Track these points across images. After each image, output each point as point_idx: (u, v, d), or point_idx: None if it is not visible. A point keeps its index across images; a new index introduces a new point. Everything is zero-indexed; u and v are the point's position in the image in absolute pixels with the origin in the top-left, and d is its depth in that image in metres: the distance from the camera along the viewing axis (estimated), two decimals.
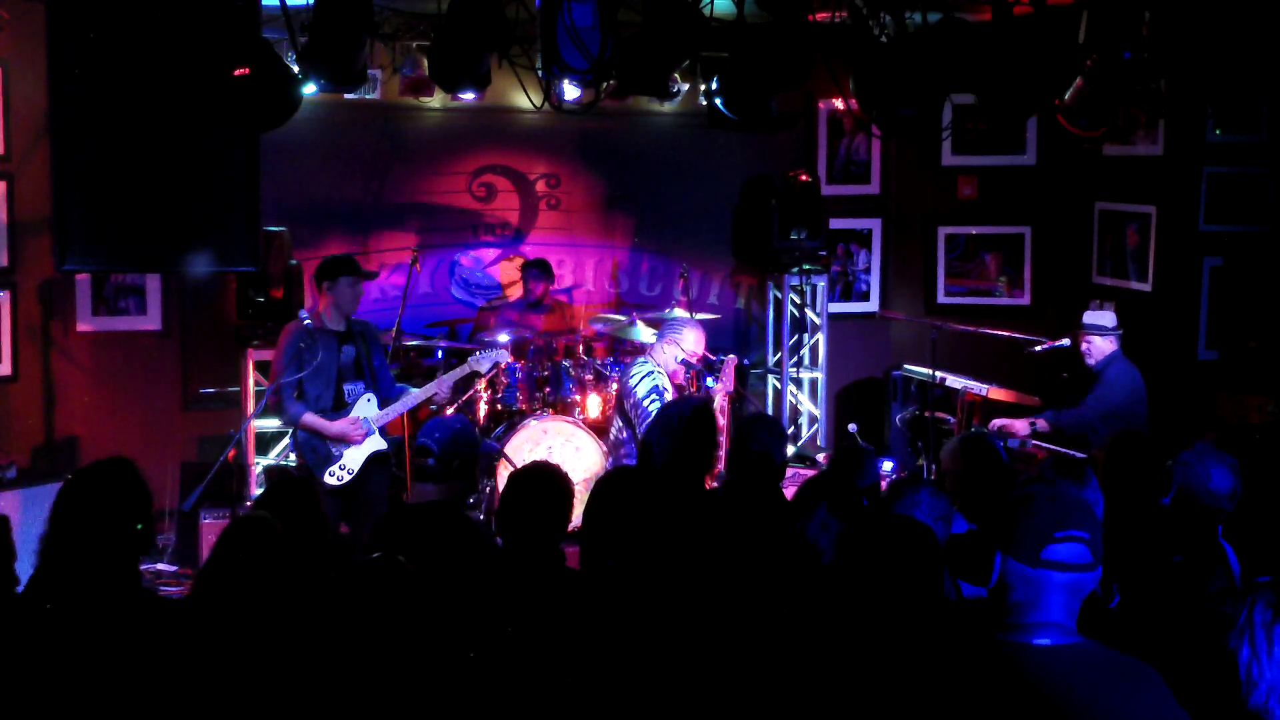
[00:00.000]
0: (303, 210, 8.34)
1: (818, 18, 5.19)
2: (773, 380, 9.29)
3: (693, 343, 6.61)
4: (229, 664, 3.23)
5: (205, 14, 5.40)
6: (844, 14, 5.39)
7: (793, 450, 8.59)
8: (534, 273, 8.50)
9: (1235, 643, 2.86)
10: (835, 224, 9.13)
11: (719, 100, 5.44)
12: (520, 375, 7.88)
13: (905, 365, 8.80)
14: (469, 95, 7.60)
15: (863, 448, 6.41)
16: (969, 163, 9.18)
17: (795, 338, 9.20)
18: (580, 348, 8.21)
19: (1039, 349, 7.62)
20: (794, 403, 9.26)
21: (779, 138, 8.67)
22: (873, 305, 9.52)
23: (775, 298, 9.19)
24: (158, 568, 7.47)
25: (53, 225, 5.85)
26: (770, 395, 9.31)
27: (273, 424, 7.89)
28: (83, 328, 8.06)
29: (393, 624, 2.89)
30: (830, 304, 9.18)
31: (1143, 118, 7.95)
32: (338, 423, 6.25)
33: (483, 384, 7.86)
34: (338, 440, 6.27)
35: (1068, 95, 5.47)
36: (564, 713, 3.22)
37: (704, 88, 5.85)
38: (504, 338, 7.88)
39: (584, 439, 7.65)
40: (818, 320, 9.15)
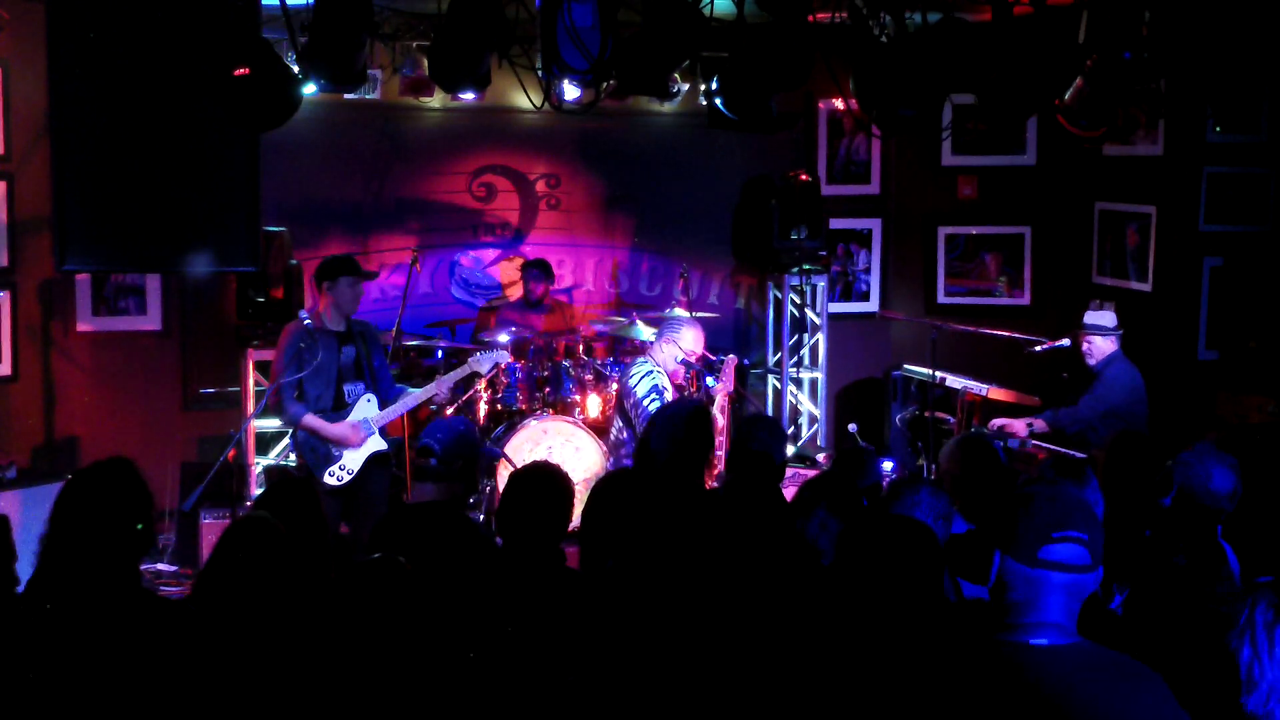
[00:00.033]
0: (303, 210, 8.34)
1: (818, 18, 5.19)
2: (773, 380, 9.29)
3: (691, 341, 6.61)
4: (229, 665, 3.23)
5: (205, 14, 5.40)
6: (844, 14, 5.38)
7: (793, 450, 8.59)
8: (534, 273, 8.50)
9: (1236, 643, 2.86)
10: (835, 224, 9.12)
11: (719, 100, 5.44)
12: (520, 375, 7.87)
13: (905, 365, 8.80)
14: (469, 95, 7.60)
15: (865, 449, 6.41)
16: (969, 163, 9.18)
17: (795, 338, 9.19)
18: (580, 348, 8.21)
19: (1039, 349, 7.62)
20: (794, 403, 9.25)
21: (779, 138, 8.66)
22: (873, 305, 9.52)
23: (775, 298, 9.19)
24: (158, 568, 7.47)
25: (53, 225, 5.86)
26: (770, 395, 9.31)
27: (273, 424, 7.89)
28: (83, 328, 8.06)
29: (393, 624, 2.89)
30: (830, 304, 9.17)
31: (1143, 118, 7.95)
32: (338, 426, 6.24)
33: (483, 384, 7.86)
34: (337, 442, 6.27)
35: (1068, 95, 5.47)
36: (564, 713, 3.22)
37: (704, 88, 5.84)
38: (504, 338, 7.89)
39: (584, 439, 7.65)
40: (818, 320, 9.15)
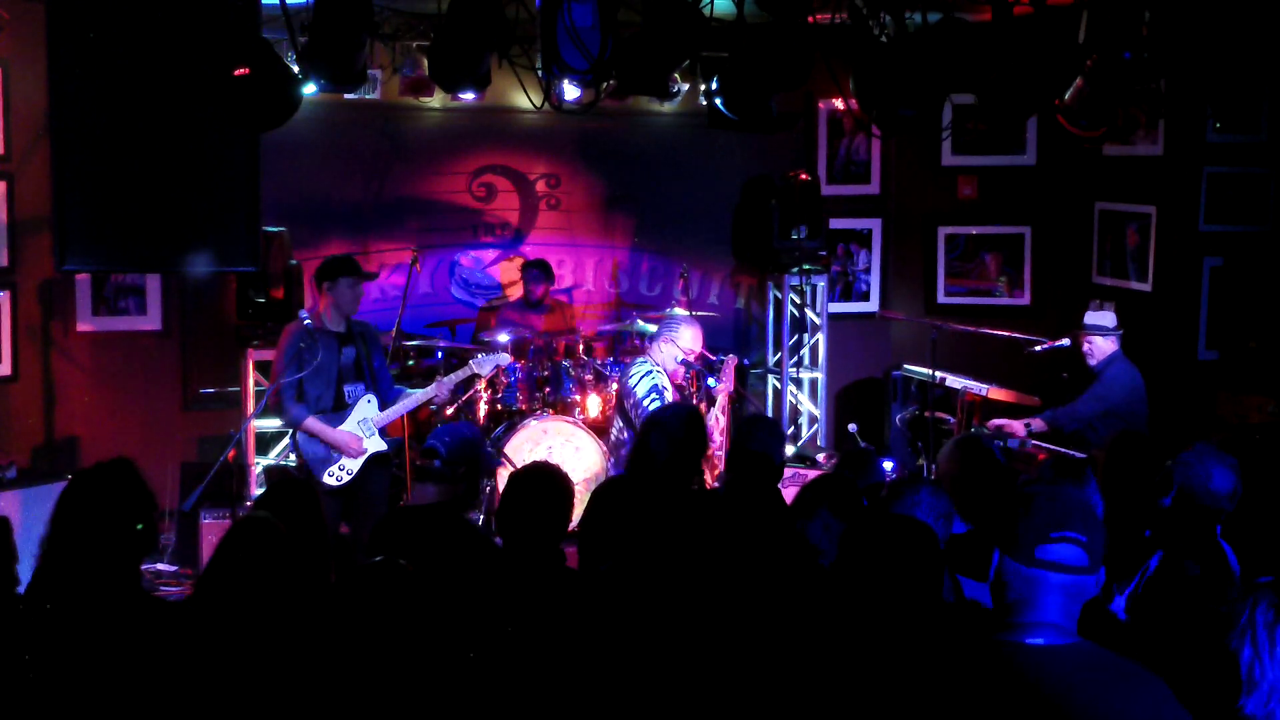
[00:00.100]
0: (303, 210, 8.33)
1: (818, 18, 5.19)
2: (773, 380, 9.29)
3: (689, 340, 6.60)
4: (230, 665, 3.23)
5: (205, 14, 5.40)
6: (844, 14, 5.38)
7: (793, 450, 8.59)
8: (534, 273, 8.50)
9: (1236, 643, 2.86)
10: (835, 224, 9.12)
11: (719, 100, 5.43)
12: (520, 375, 7.87)
13: (905, 365, 8.79)
14: (469, 95, 7.59)
15: (867, 450, 6.41)
16: (969, 163, 9.17)
17: (795, 338, 9.19)
18: (580, 348, 8.21)
19: (1039, 349, 7.62)
20: (794, 403, 9.25)
21: (779, 138, 8.66)
22: (873, 305, 9.52)
23: (775, 298, 9.19)
24: (158, 568, 7.46)
25: (53, 225, 5.85)
26: (770, 395, 9.31)
27: (273, 424, 7.89)
28: (83, 328, 8.06)
29: (393, 625, 2.89)
30: (830, 304, 9.17)
31: (1143, 118, 7.95)
32: (340, 432, 6.24)
33: (483, 384, 7.86)
34: (337, 448, 6.26)
35: (1068, 95, 5.47)
36: (564, 713, 3.22)
37: (704, 88, 5.84)
38: (504, 338, 7.88)
39: (584, 439, 7.65)
40: (818, 320, 9.15)
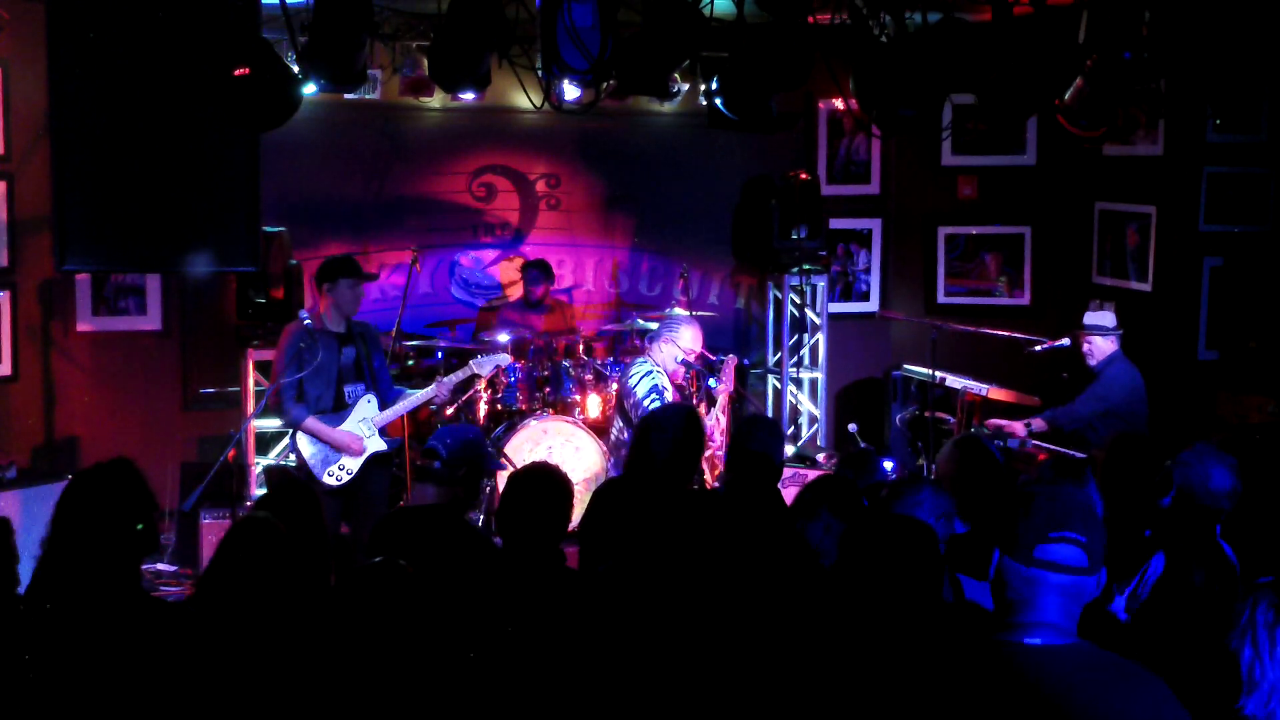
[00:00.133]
0: (303, 210, 8.33)
1: (818, 18, 5.19)
2: (773, 380, 9.29)
3: (689, 340, 6.60)
4: (230, 666, 3.23)
5: (205, 14, 5.40)
6: (844, 14, 5.38)
7: (793, 450, 8.59)
8: (534, 273, 8.50)
9: (1237, 643, 2.86)
10: (835, 224, 9.12)
11: (719, 100, 5.43)
12: (520, 375, 7.87)
13: (905, 365, 8.79)
14: (469, 95, 7.59)
15: (868, 450, 6.41)
16: (969, 163, 9.17)
17: (795, 338, 9.19)
18: (580, 348, 8.20)
19: (1039, 349, 7.62)
20: (794, 403, 9.25)
21: (779, 138, 8.66)
22: (873, 305, 9.52)
23: (775, 298, 9.19)
24: (158, 568, 7.46)
25: (53, 225, 5.85)
26: (770, 395, 9.31)
27: (273, 424, 7.88)
28: (83, 328, 8.06)
29: (393, 626, 2.89)
30: (830, 304, 9.17)
31: (1143, 118, 7.95)
32: (340, 432, 6.23)
33: (483, 384, 7.86)
34: (337, 448, 6.25)
35: (1068, 95, 5.47)
36: (564, 713, 3.22)
37: (704, 88, 5.84)
38: (504, 338, 7.88)
39: (584, 439, 7.65)
40: (818, 320, 9.14)
